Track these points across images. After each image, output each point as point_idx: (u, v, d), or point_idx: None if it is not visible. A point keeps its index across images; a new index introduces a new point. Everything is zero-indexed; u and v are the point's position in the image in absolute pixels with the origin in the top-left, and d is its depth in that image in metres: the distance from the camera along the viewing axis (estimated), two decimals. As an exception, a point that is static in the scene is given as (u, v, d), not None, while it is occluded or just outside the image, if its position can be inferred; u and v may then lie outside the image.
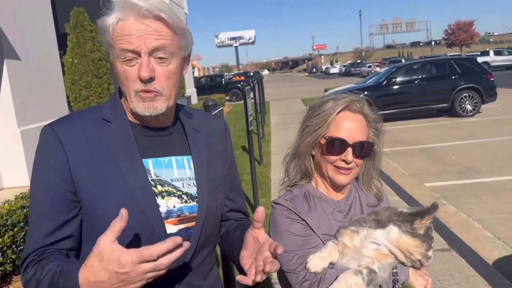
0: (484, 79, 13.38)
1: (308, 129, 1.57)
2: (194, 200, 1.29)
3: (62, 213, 1.18)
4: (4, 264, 3.87)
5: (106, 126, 1.23)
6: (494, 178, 6.82)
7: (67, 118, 1.27)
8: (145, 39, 1.15)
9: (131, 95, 1.20)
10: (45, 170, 1.19)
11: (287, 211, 1.53)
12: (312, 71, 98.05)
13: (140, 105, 1.20)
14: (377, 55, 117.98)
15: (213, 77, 34.76)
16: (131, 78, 1.18)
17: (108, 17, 1.18)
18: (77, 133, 1.21)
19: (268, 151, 10.31)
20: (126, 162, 1.20)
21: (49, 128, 1.22)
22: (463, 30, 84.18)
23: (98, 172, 1.18)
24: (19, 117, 7.26)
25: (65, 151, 1.18)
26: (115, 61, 1.21)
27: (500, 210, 5.47)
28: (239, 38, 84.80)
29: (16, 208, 4.15)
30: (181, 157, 1.31)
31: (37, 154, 1.23)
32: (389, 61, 49.17)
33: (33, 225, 1.18)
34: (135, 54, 1.16)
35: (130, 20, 1.16)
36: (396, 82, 13.75)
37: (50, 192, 1.18)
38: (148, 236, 1.18)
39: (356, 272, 1.34)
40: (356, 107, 1.53)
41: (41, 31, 8.21)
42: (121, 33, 1.16)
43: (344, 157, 1.50)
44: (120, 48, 1.16)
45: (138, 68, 1.16)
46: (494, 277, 3.81)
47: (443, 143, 9.78)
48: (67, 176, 1.17)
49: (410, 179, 7.23)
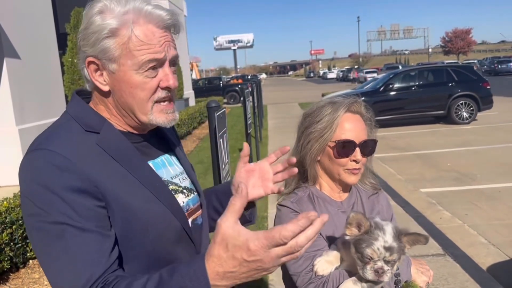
0: (481, 87, 13.48)
1: (313, 136, 1.59)
2: (191, 191, 1.31)
3: (108, 230, 1.05)
4: (2, 262, 3.88)
5: (96, 136, 1.12)
6: (489, 185, 6.88)
7: (49, 138, 1.10)
8: (169, 48, 1.12)
9: (148, 106, 1.14)
10: (65, 195, 1.00)
11: (293, 213, 1.56)
12: (310, 76, 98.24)
13: (164, 117, 1.16)
14: (374, 61, 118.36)
15: (211, 79, 34.80)
16: (150, 89, 1.12)
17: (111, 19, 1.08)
18: (78, 147, 1.08)
19: (266, 154, 10.33)
20: (135, 168, 1.14)
21: (41, 151, 1.05)
22: (461, 38, 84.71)
23: (117, 183, 1.08)
24: (18, 115, 7.27)
25: (79, 167, 1.03)
26: (127, 70, 1.10)
27: (495, 217, 5.53)
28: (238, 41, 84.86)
29: (15, 206, 4.16)
30: (165, 156, 1.30)
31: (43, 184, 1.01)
32: (386, 67, 49.37)
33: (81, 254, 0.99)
34: (158, 63, 1.11)
35: (148, 27, 1.09)
36: (393, 88, 13.82)
37: (88, 215, 1.01)
38: (179, 234, 1.18)
39: (355, 281, 1.36)
40: (355, 108, 1.59)
41: (41, 30, 8.23)
42: (145, 41, 1.08)
43: (354, 157, 1.54)
44: (148, 59, 1.08)
45: (160, 78, 1.12)
46: (488, 282, 3.85)
47: (439, 150, 9.84)
48: (95, 192, 1.04)
49: (406, 185, 7.28)
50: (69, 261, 0.98)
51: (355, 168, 1.55)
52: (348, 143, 1.53)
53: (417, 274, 1.53)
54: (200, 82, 33.01)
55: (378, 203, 1.70)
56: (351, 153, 1.54)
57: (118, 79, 1.12)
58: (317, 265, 1.44)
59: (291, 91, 40.97)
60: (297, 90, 43.24)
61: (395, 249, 1.31)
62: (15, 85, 7.27)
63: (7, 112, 7.20)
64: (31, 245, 4.21)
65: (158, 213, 1.13)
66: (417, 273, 1.53)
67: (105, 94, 1.16)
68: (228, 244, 0.84)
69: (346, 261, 1.44)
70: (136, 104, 1.13)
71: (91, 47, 1.10)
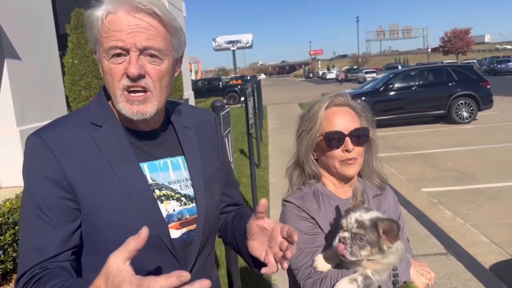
0: (481, 87, 13.50)
1: (303, 134, 1.64)
2: (193, 201, 1.24)
3: (67, 222, 1.10)
4: (5, 262, 3.87)
5: (96, 130, 1.15)
6: (490, 185, 6.89)
7: (53, 124, 1.18)
8: (136, 36, 1.08)
9: (117, 94, 1.12)
10: (40, 182, 1.10)
11: (296, 209, 1.57)
12: (309, 76, 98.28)
13: (127, 107, 1.12)
14: (374, 62, 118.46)
15: (211, 80, 34.81)
16: (116, 75, 1.10)
17: (97, 9, 1.11)
18: (67, 140, 1.13)
19: (266, 155, 10.34)
20: (123, 168, 1.14)
21: (35, 136, 1.13)
22: (460, 38, 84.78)
23: (95, 179, 1.11)
24: (18, 116, 7.27)
25: (58, 159, 1.10)
26: (101, 58, 1.13)
27: (496, 216, 5.54)
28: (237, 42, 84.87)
29: (17, 207, 4.15)
30: (175, 158, 1.26)
31: (27, 166, 1.13)
32: (386, 67, 49.41)
33: (33, 239, 1.09)
34: (124, 51, 1.09)
35: (120, 14, 1.08)
36: (393, 88, 13.84)
37: (51, 204, 1.09)
38: (153, 243, 1.12)
39: (351, 280, 1.36)
40: (340, 100, 1.61)
41: (41, 31, 8.23)
42: (110, 28, 1.08)
43: (345, 147, 1.55)
44: (108, 46, 1.09)
45: (125, 66, 1.09)
46: (491, 281, 3.85)
47: (439, 149, 9.86)
48: (64, 184, 1.10)
49: (407, 184, 7.29)
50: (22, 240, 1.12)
51: (349, 158, 1.55)
52: (335, 133, 1.55)
53: (417, 275, 1.53)
54: (199, 83, 33.03)
55: (385, 201, 1.70)
56: (342, 144, 1.55)
57: (100, 65, 1.17)
58: (317, 261, 1.45)
59: (291, 92, 40.99)
60: (296, 90, 43.27)
61: (365, 226, 1.33)
62: (15, 86, 7.27)
63: (8, 113, 7.20)
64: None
65: (128, 215, 1.11)
66: (417, 275, 1.53)
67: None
68: (108, 279, 0.85)
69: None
70: (110, 90, 1.15)
71: (89, 39, 1.17)
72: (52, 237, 1.08)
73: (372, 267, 1.38)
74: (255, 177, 5.84)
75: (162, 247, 1.15)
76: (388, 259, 1.37)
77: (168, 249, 1.16)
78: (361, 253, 1.33)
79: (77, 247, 1.13)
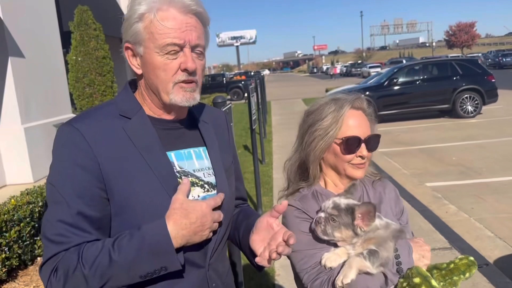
0: (485, 80, 13.42)
1: (317, 134, 1.58)
2: (214, 188, 1.32)
3: (96, 211, 1.15)
4: (11, 259, 3.91)
5: (126, 122, 1.22)
6: (495, 179, 6.86)
7: (84, 116, 1.24)
8: (189, 34, 1.18)
9: (169, 86, 1.20)
10: (74, 170, 1.14)
11: (297, 211, 1.57)
12: (313, 71, 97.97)
13: (181, 95, 1.22)
14: (378, 56, 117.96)
15: (214, 76, 34.78)
16: (171, 70, 1.19)
17: (141, 5, 1.17)
18: (99, 130, 1.19)
19: (270, 151, 10.34)
20: (152, 156, 1.21)
21: (69, 126, 1.18)
22: (464, 32, 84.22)
23: (127, 168, 1.17)
24: (23, 114, 7.30)
25: (92, 148, 1.15)
26: (151, 53, 1.19)
27: (501, 210, 5.52)
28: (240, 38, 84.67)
29: (22, 204, 4.19)
30: (197, 149, 1.34)
31: (59, 154, 1.18)
32: (390, 61, 49.19)
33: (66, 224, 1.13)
34: (179, 47, 1.18)
35: (173, 12, 1.17)
36: (398, 82, 13.79)
37: (83, 192, 1.14)
38: None
39: (358, 254, 1.40)
40: (358, 104, 1.59)
41: (45, 29, 8.25)
42: (165, 25, 1.16)
43: (360, 153, 1.56)
44: (166, 43, 1.16)
45: (181, 61, 1.19)
46: (495, 275, 3.85)
47: (444, 144, 9.82)
48: (98, 174, 1.15)
49: (411, 179, 7.27)
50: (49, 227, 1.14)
51: (361, 163, 1.57)
52: (354, 139, 1.54)
53: (419, 259, 1.51)
54: (203, 79, 32.95)
55: (385, 195, 1.70)
56: (357, 149, 1.55)
57: (145, 61, 1.22)
58: (325, 259, 1.45)
59: (295, 87, 40.90)
60: (300, 86, 43.17)
61: (339, 208, 1.44)
62: (20, 84, 7.31)
63: (13, 111, 7.24)
64: (39, 243, 4.24)
65: (158, 202, 1.18)
66: (419, 258, 1.51)
67: (139, 77, 1.27)
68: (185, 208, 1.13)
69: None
70: (160, 84, 1.22)
71: (127, 32, 1.22)
72: (83, 223, 1.13)
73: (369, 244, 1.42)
74: (258, 173, 5.84)
75: None
76: (378, 233, 1.44)
77: None
78: (333, 233, 1.44)
79: (105, 235, 1.18)
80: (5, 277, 3.91)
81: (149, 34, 1.18)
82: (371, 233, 1.44)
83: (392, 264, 1.43)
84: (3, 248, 3.83)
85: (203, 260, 1.27)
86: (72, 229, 1.12)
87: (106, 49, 8.46)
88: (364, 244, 1.43)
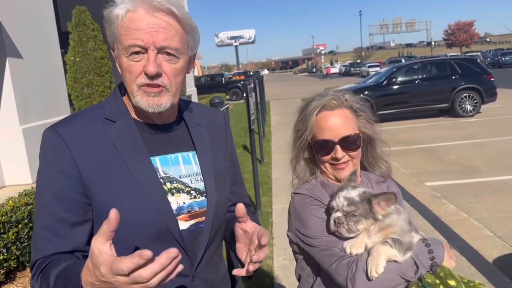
0: (484, 79, 13.42)
1: (296, 134, 1.62)
2: (203, 195, 1.28)
3: (76, 216, 1.14)
4: (9, 261, 3.89)
5: (110, 125, 1.20)
6: (494, 178, 6.86)
7: (69, 119, 1.22)
8: (155, 36, 1.11)
9: (134, 89, 1.16)
10: (54, 174, 1.14)
11: (309, 199, 1.56)
12: (312, 71, 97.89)
13: (144, 100, 1.16)
14: (377, 55, 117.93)
15: (213, 76, 34.76)
16: (134, 73, 1.15)
17: (117, 7, 1.15)
18: (82, 134, 1.17)
19: (269, 150, 10.33)
20: (135, 162, 1.18)
21: (52, 130, 1.17)
22: (463, 31, 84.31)
23: (108, 173, 1.15)
24: (21, 115, 7.28)
25: (72, 153, 1.13)
26: (120, 55, 1.17)
27: (500, 209, 5.51)
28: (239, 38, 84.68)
29: (20, 205, 4.17)
30: (186, 153, 1.30)
31: (43, 158, 1.18)
32: (389, 61, 49.20)
33: (45, 230, 1.14)
34: (142, 49, 1.13)
35: (140, 12, 1.12)
36: (397, 82, 13.78)
37: (62, 197, 1.13)
38: (162, 234, 1.18)
39: (384, 242, 1.39)
40: (333, 104, 1.55)
41: (43, 29, 8.23)
42: (130, 26, 1.12)
43: (334, 155, 1.54)
44: (128, 44, 1.13)
45: (144, 64, 1.13)
46: (495, 275, 3.84)
47: (443, 143, 9.81)
48: (77, 178, 1.13)
49: (410, 179, 7.26)
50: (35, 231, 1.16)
51: (338, 163, 1.55)
52: (324, 142, 1.53)
53: (448, 261, 1.50)
54: (202, 79, 32.99)
55: (388, 189, 1.69)
56: (331, 151, 1.54)
57: (118, 63, 1.21)
58: (350, 245, 1.42)
59: (294, 87, 40.89)
60: (299, 85, 43.14)
61: (355, 201, 1.40)
62: (18, 85, 7.28)
63: (11, 112, 7.21)
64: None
65: (138, 208, 1.15)
66: (448, 260, 1.51)
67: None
68: (92, 260, 0.91)
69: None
70: (127, 86, 1.19)
71: (108, 34, 1.20)
72: (61, 229, 1.12)
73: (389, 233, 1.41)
74: (257, 173, 5.83)
75: (171, 239, 1.19)
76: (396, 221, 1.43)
77: (176, 240, 1.20)
78: (357, 227, 1.41)
79: (88, 240, 1.15)
80: (3, 279, 3.89)
81: (118, 35, 1.16)
82: (386, 218, 1.44)
83: (425, 258, 1.41)
84: (1, 249, 3.81)
85: (188, 269, 1.23)
86: (50, 236, 1.12)
87: (104, 49, 8.43)
88: (380, 229, 1.43)
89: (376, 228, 1.43)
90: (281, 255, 4.49)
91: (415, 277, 1.39)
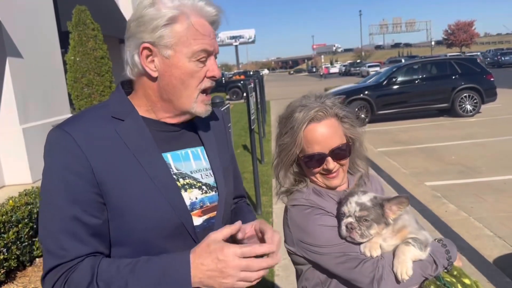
0: (484, 79, 13.42)
1: (282, 148, 1.57)
2: (213, 189, 1.31)
3: (94, 217, 1.12)
4: (9, 260, 3.89)
5: (118, 124, 1.18)
6: (494, 178, 6.86)
7: (75, 119, 1.20)
8: (215, 43, 1.22)
9: (194, 95, 1.22)
10: (65, 176, 1.11)
11: (310, 209, 1.52)
12: (312, 71, 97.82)
13: (203, 107, 1.25)
14: (377, 55, 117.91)
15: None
16: (199, 78, 1.21)
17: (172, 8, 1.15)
18: (92, 133, 1.14)
19: (269, 150, 10.32)
20: (147, 159, 1.17)
21: (59, 130, 1.14)
22: (463, 31, 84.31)
23: (121, 172, 1.14)
24: (21, 115, 7.28)
25: (84, 153, 1.11)
26: (180, 57, 1.18)
27: (500, 209, 5.51)
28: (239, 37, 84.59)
29: (20, 205, 4.17)
30: (195, 149, 1.32)
31: (50, 159, 1.14)
32: (389, 60, 49.19)
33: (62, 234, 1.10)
34: (208, 54, 1.21)
35: (203, 20, 1.20)
36: (397, 82, 13.77)
37: (77, 198, 1.10)
38: (177, 231, 1.19)
39: (406, 243, 1.41)
40: (320, 115, 1.51)
41: (43, 29, 8.23)
42: (200, 31, 1.18)
43: (326, 166, 1.52)
44: (200, 49, 1.18)
45: (208, 68, 1.21)
46: (495, 275, 3.84)
47: (443, 143, 9.81)
48: (91, 178, 1.11)
49: (410, 178, 7.26)
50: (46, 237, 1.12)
51: (331, 173, 1.53)
52: (316, 155, 1.51)
53: (457, 261, 1.52)
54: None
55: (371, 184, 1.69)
56: (322, 163, 1.52)
57: (171, 65, 1.18)
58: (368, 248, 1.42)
59: (294, 87, 40.87)
60: (300, 85, 43.12)
61: (367, 207, 1.41)
62: (18, 85, 7.28)
63: (11, 111, 7.21)
64: (37, 244, 4.23)
65: (154, 205, 1.15)
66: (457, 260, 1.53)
67: (151, 79, 1.21)
68: (211, 246, 1.07)
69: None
70: (185, 90, 1.21)
71: (149, 33, 1.16)
72: (81, 232, 1.10)
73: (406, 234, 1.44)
74: (257, 173, 5.83)
75: (185, 234, 1.21)
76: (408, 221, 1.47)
77: (190, 236, 1.21)
78: (370, 232, 1.42)
79: (105, 239, 1.15)
80: (4, 279, 3.89)
81: (182, 38, 1.17)
82: (397, 220, 1.46)
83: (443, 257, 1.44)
84: (1, 249, 3.81)
85: None
86: (69, 239, 1.09)
87: (104, 49, 8.42)
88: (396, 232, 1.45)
89: (390, 231, 1.44)
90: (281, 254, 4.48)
91: (434, 274, 1.41)
